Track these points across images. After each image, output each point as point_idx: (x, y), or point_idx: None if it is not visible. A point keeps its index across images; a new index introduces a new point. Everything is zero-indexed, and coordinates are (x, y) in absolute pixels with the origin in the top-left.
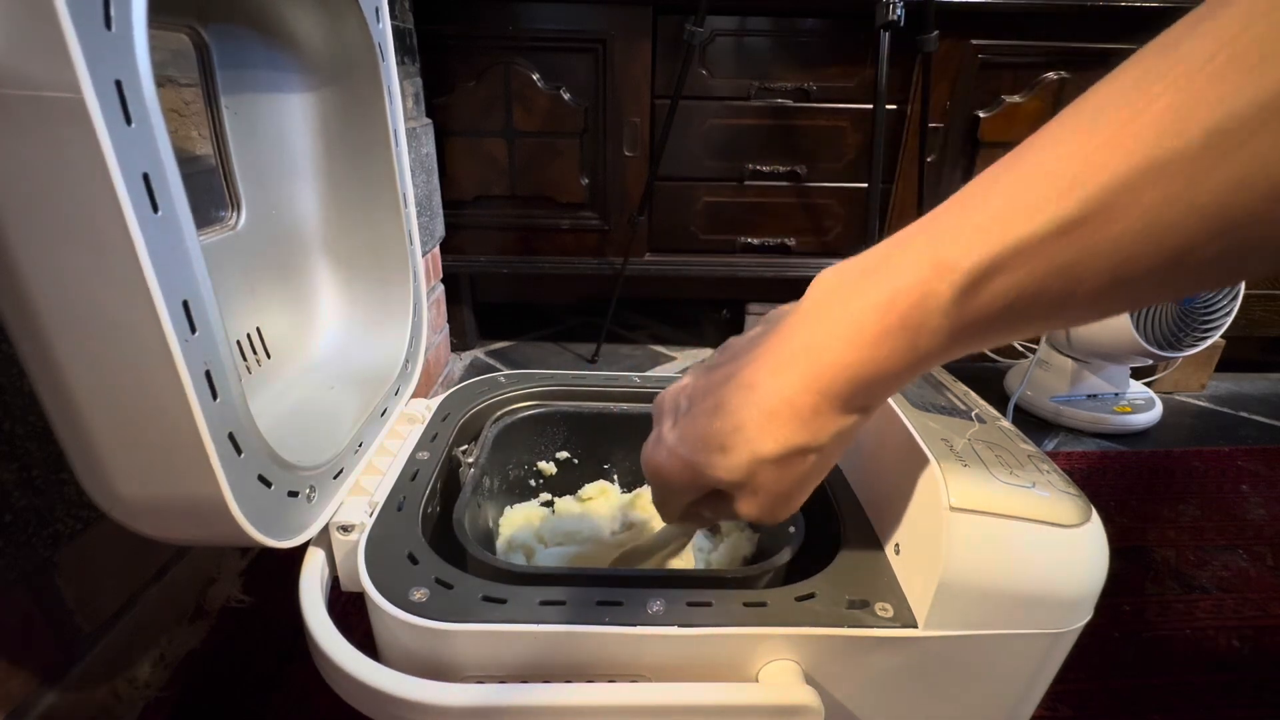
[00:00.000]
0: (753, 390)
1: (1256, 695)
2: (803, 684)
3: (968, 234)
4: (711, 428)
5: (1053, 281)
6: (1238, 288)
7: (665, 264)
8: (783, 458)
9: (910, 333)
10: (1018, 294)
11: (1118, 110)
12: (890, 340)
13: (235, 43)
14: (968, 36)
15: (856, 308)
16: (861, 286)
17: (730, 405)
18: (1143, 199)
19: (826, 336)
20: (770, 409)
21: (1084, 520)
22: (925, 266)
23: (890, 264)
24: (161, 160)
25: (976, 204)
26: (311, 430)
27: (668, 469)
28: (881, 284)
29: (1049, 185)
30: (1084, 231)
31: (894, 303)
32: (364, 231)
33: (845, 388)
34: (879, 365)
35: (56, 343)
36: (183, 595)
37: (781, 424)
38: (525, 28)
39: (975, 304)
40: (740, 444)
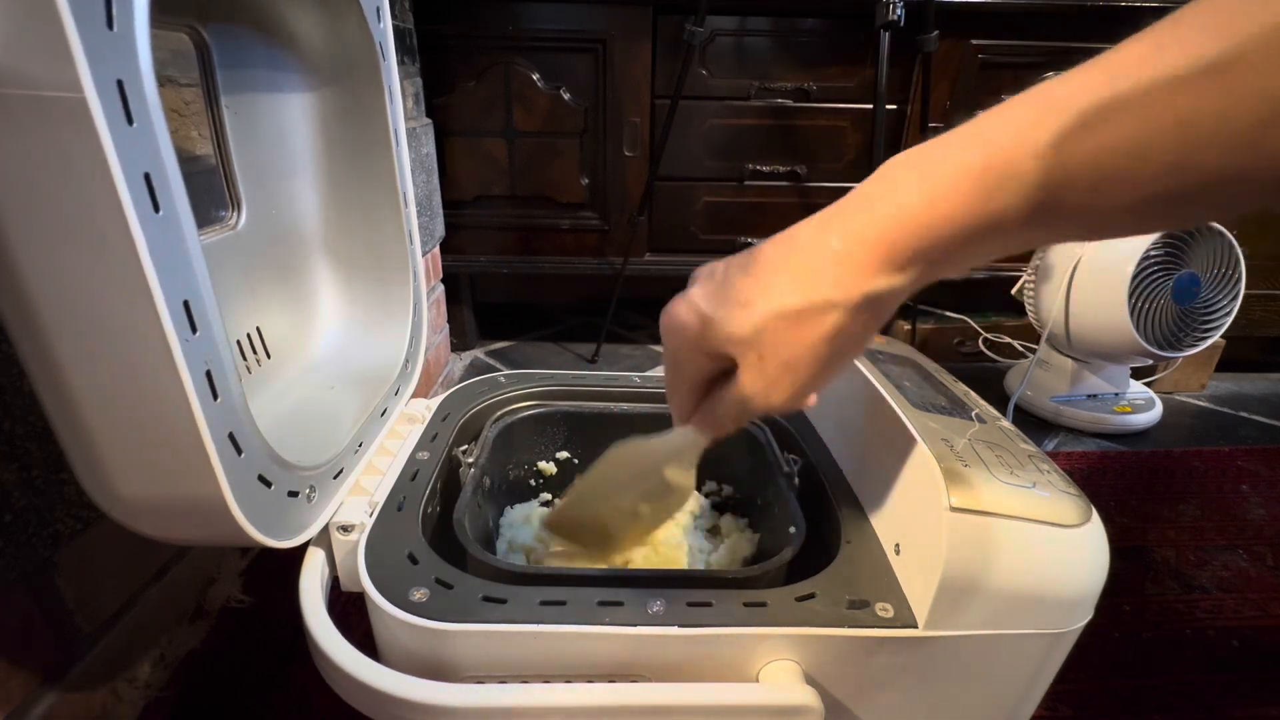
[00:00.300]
0: (791, 243)
1: (1256, 695)
2: (803, 684)
3: (1094, 74)
4: (740, 283)
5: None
6: (1238, 287)
7: (665, 264)
8: (800, 312)
9: (990, 180)
10: (1132, 148)
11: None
12: (964, 187)
13: (235, 43)
14: (968, 36)
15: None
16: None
17: (764, 259)
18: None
19: (888, 187)
20: (803, 258)
21: (1084, 520)
22: (1032, 108)
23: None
24: (162, 160)
25: (1111, 53)
26: (311, 430)
27: (681, 319)
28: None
29: (1198, 29)
30: (1232, 77)
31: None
32: (364, 231)
33: (893, 235)
34: (940, 214)
35: (57, 343)
36: (183, 595)
37: (811, 273)
38: (525, 28)
39: (1078, 153)
40: (759, 295)
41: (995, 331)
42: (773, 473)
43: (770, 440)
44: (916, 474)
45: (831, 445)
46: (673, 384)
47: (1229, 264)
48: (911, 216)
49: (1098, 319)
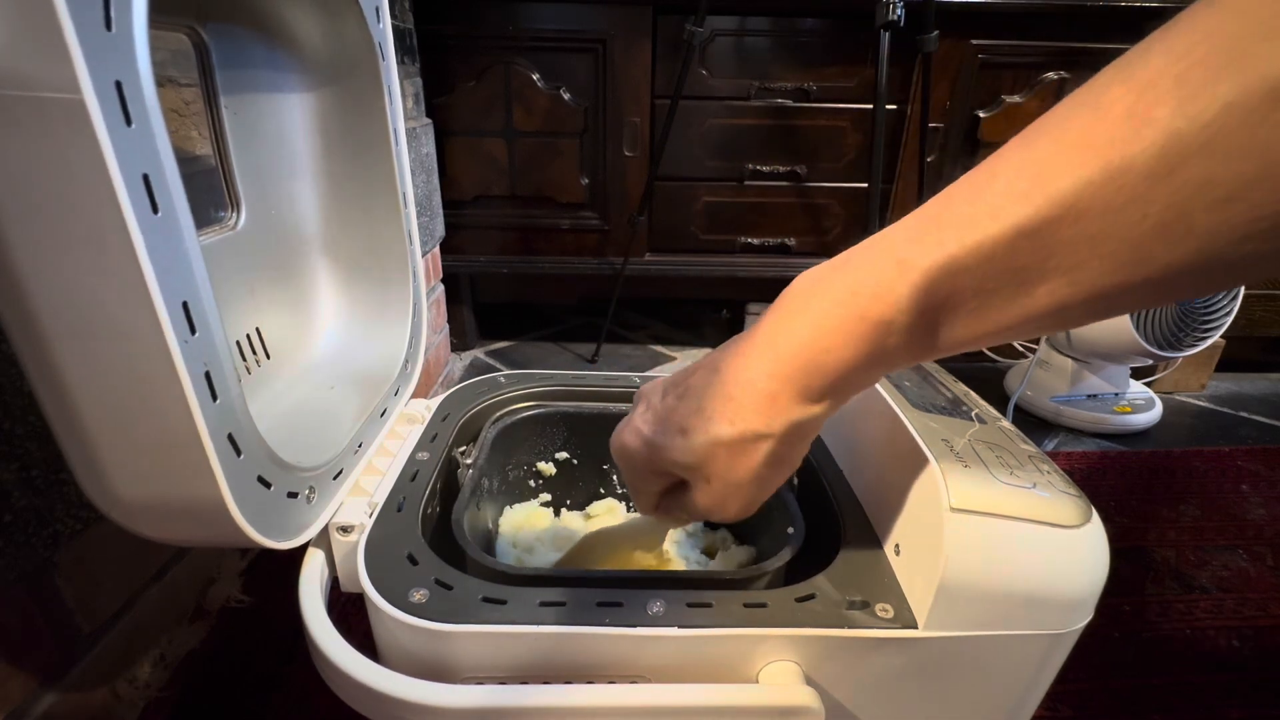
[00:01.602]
0: (717, 375)
1: (1256, 695)
2: (803, 684)
3: (932, 235)
4: (676, 410)
5: (1011, 285)
6: (1237, 288)
7: (665, 264)
8: (736, 442)
9: (869, 327)
10: (975, 296)
11: (1081, 116)
12: (851, 333)
13: (235, 43)
14: (968, 36)
15: (822, 302)
16: (830, 283)
17: (696, 390)
18: (1099, 203)
19: (792, 327)
20: (730, 393)
21: (1084, 521)
22: (889, 265)
23: (857, 263)
24: (161, 161)
25: (944, 206)
26: (311, 431)
27: (630, 448)
28: (847, 280)
29: (1011, 189)
30: (1044, 235)
31: (855, 297)
32: (364, 231)
33: (804, 376)
34: (838, 356)
35: (55, 343)
36: (183, 595)
37: (739, 408)
38: (525, 28)
39: (932, 302)
40: (698, 426)
41: None
42: None
43: None
44: (916, 474)
45: (831, 445)
46: (633, 492)
47: None
48: (812, 358)
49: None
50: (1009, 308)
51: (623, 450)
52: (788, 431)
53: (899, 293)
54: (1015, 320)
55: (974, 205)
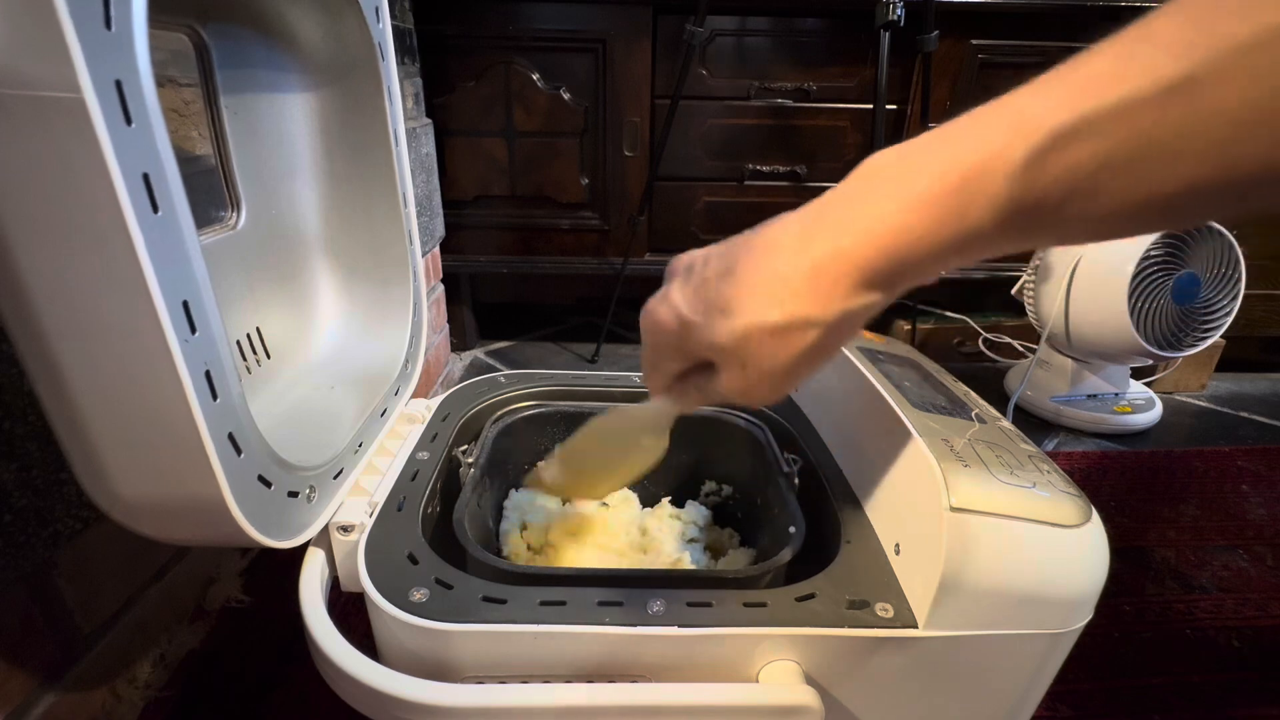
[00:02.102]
0: (772, 253)
1: (1256, 695)
2: (803, 684)
3: (1062, 91)
4: (720, 289)
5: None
6: (1238, 288)
7: (665, 264)
8: (783, 328)
9: (964, 198)
10: (1101, 165)
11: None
12: (938, 206)
13: (235, 43)
14: (968, 36)
15: (909, 176)
16: (921, 155)
17: (745, 267)
18: (1261, 63)
19: (865, 204)
20: (784, 273)
21: (1084, 520)
22: (1003, 126)
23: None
24: (161, 160)
25: (1076, 66)
26: (311, 430)
27: (664, 324)
28: (945, 150)
29: (1162, 48)
30: (1195, 96)
31: (957, 164)
32: (364, 231)
33: (873, 259)
34: (915, 235)
35: (56, 343)
36: (183, 595)
37: (792, 290)
38: (525, 28)
39: (1049, 171)
40: (743, 307)
41: (995, 331)
42: (773, 473)
43: (770, 440)
44: (916, 474)
45: (831, 445)
46: (649, 371)
47: (1229, 264)
48: (887, 238)
49: (1098, 319)
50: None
51: (655, 325)
52: (839, 320)
53: (1013, 158)
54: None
55: (1120, 61)
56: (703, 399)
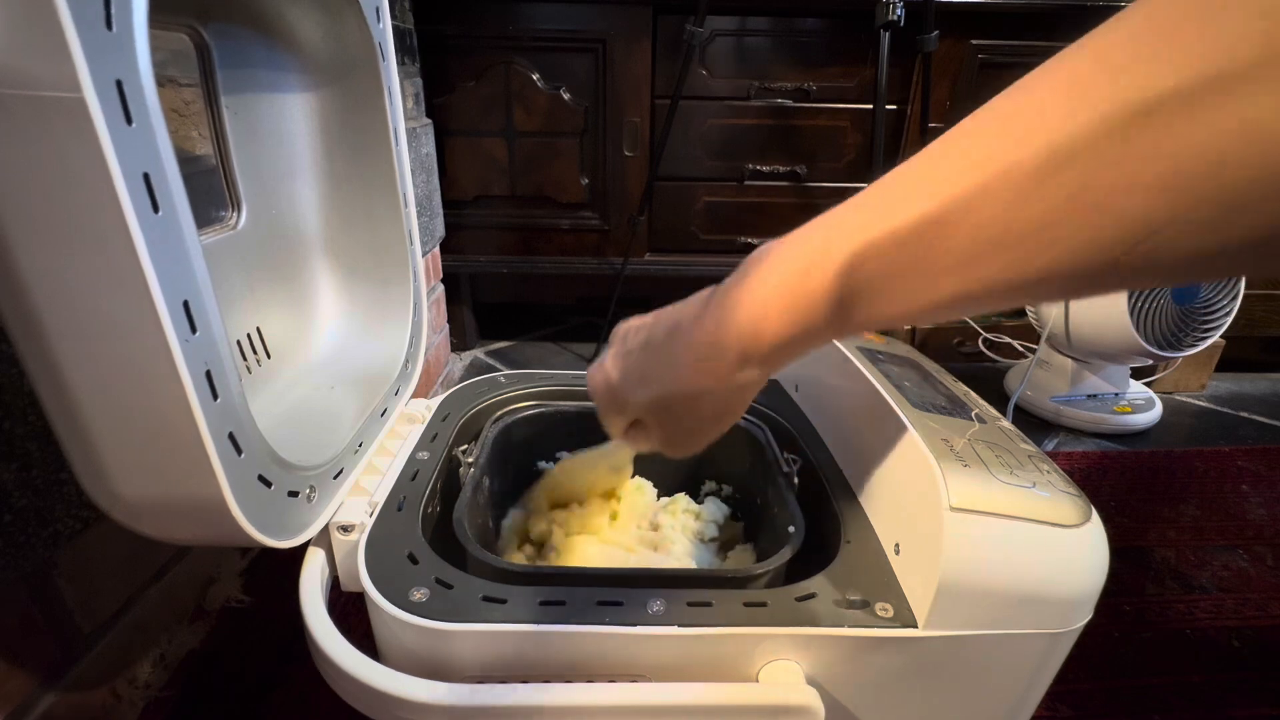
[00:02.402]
0: (678, 333)
1: (1256, 695)
2: (803, 684)
3: (852, 223)
4: (639, 361)
5: (918, 272)
6: (1238, 286)
7: (665, 264)
8: (685, 397)
9: (801, 302)
10: (887, 280)
11: (991, 120)
12: (786, 308)
13: (235, 43)
14: (968, 36)
15: (769, 274)
16: (772, 262)
17: (657, 344)
18: (989, 207)
19: (739, 301)
20: (683, 353)
21: (1084, 520)
22: (815, 251)
23: (794, 246)
24: (162, 160)
25: (870, 196)
26: (311, 430)
27: (599, 389)
28: (785, 263)
29: (923, 181)
30: (940, 230)
31: (787, 281)
32: (364, 231)
33: (744, 344)
34: (773, 330)
35: (57, 343)
36: (183, 595)
37: (689, 367)
38: (525, 28)
39: (853, 284)
40: (654, 379)
41: (995, 331)
42: (772, 472)
43: (770, 440)
44: (916, 474)
45: (831, 445)
46: (603, 420)
47: None
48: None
49: (1098, 319)
50: (919, 294)
51: (593, 387)
52: (730, 391)
53: (827, 271)
54: (924, 306)
55: (892, 193)
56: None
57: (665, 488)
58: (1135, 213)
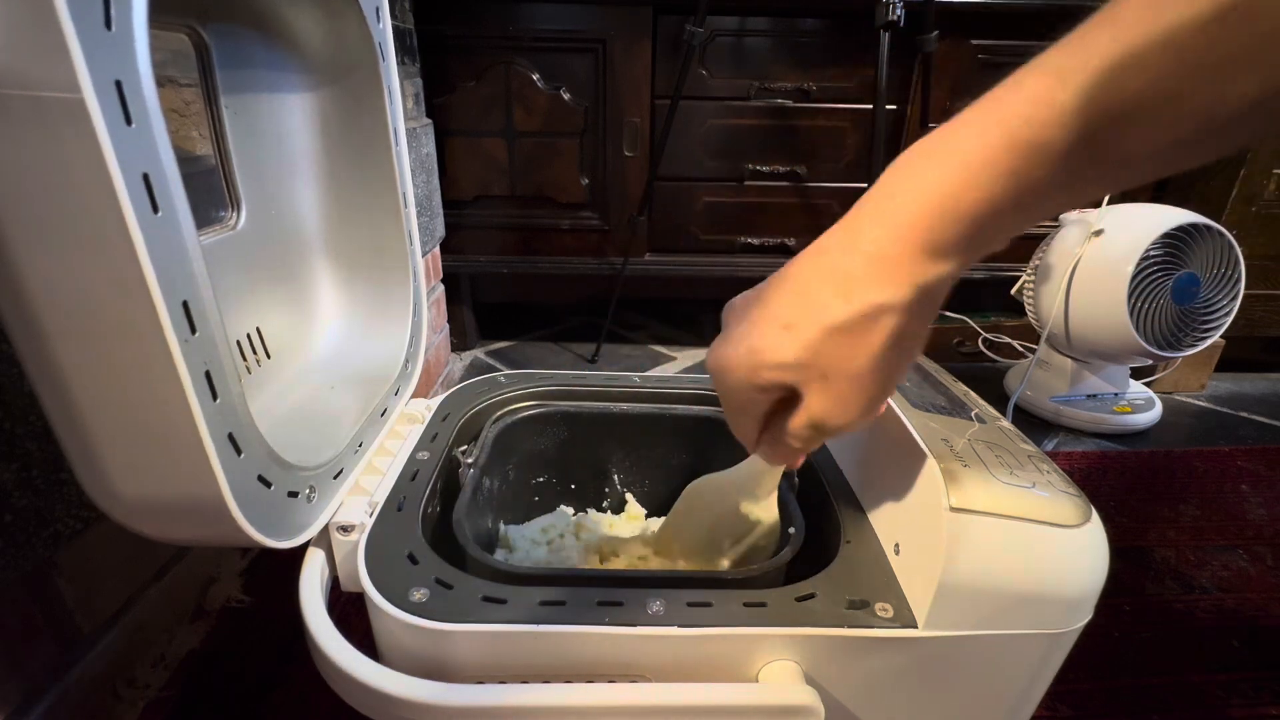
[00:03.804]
0: (819, 253)
1: (1256, 695)
2: (803, 684)
3: (1103, 32)
4: (777, 308)
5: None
6: (1237, 288)
7: (665, 264)
8: (854, 322)
9: (1020, 155)
10: (1155, 99)
11: None
12: (996, 165)
13: (235, 43)
14: (968, 36)
15: (953, 145)
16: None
17: (796, 276)
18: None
19: (911, 179)
20: (839, 266)
21: (1084, 520)
22: (1043, 78)
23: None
24: (161, 160)
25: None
26: (311, 430)
27: (731, 360)
28: (986, 113)
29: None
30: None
31: (1001, 123)
32: (364, 231)
33: (933, 227)
34: (978, 196)
35: (56, 343)
36: (183, 595)
37: (852, 280)
38: (525, 28)
39: (1103, 112)
40: (804, 314)
41: (995, 331)
42: None
43: None
44: (916, 474)
45: (831, 445)
46: (734, 422)
47: (1229, 264)
48: (945, 204)
49: (1097, 319)
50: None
51: (720, 364)
52: (914, 298)
53: (1060, 103)
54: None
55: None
56: (799, 444)
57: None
58: None
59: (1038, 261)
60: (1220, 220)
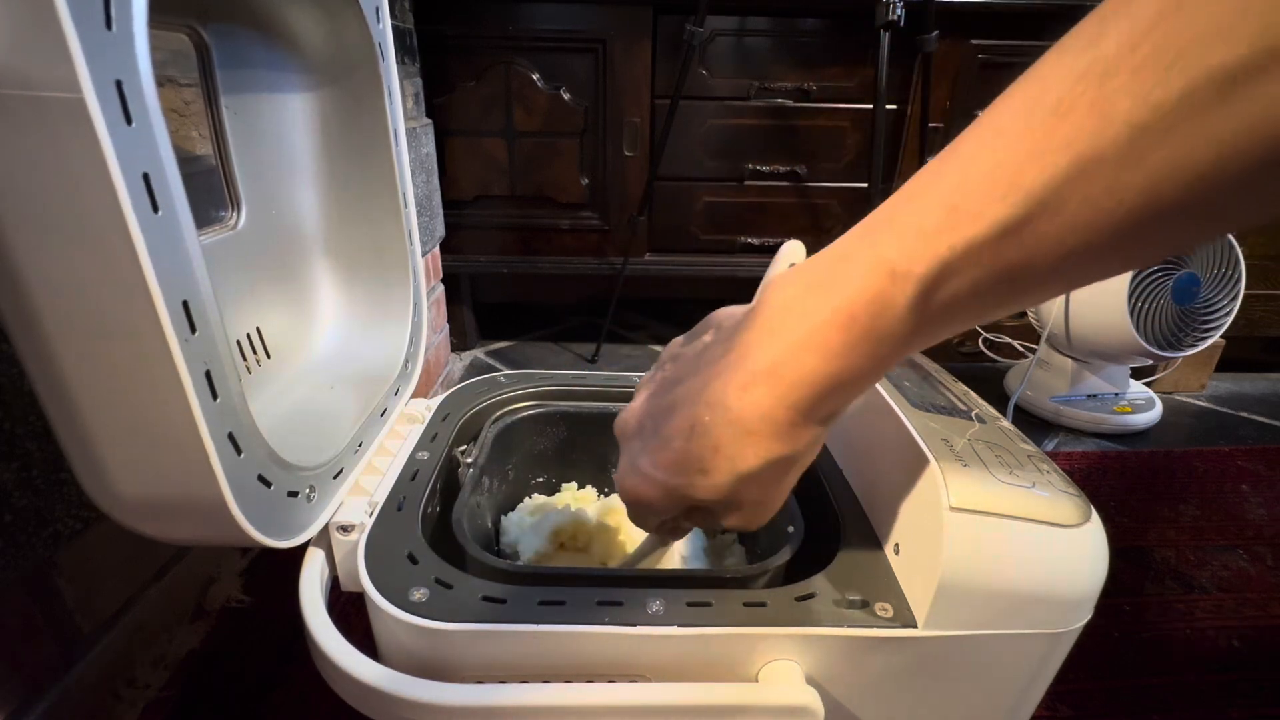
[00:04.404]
0: (725, 410)
1: (1256, 695)
2: (803, 684)
3: (916, 241)
4: (688, 450)
5: (1003, 278)
6: (1238, 288)
7: (665, 264)
8: (764, 470)
9: (873, 341)
10: (970, 293)
11: (1046, 108)
12: (855, 350)
13: (235, 43)
14: (968, 36)
15: (817, 320)
16: (820, 298)
17: (703, 426)
18: (1076, 195)
19: (792, 352)
20: (747, 428)
21: (1084, 520)
22: (881, 276)
23: (845, 273)
24: (161, 160)
25: (920, 206)
26: (311, 430)
27: (646, 494)
28: (840, 294)
29: (990, 188)
30: (1027, 231)
31: (854, 315)
32: (364, 231)
33: (817, 400)
34: (847, 374)
35: (56, 343)
36: (183, 595)
37: (760, 440)
38: (525, 28)
39: (931, 307)
40: (721, 463)
41: (995, 331)
42: None
43: None
44: (916, 474)
45: (831, 445)
46: (637, 523)
47: (1229, 264)
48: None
49: (1098, 319)
50: (1003, 296)
51: (638, 498)
52: (808, 448)
53: (899, 305)
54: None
55: (954, 206)
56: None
57: None
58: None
59: None
60: None
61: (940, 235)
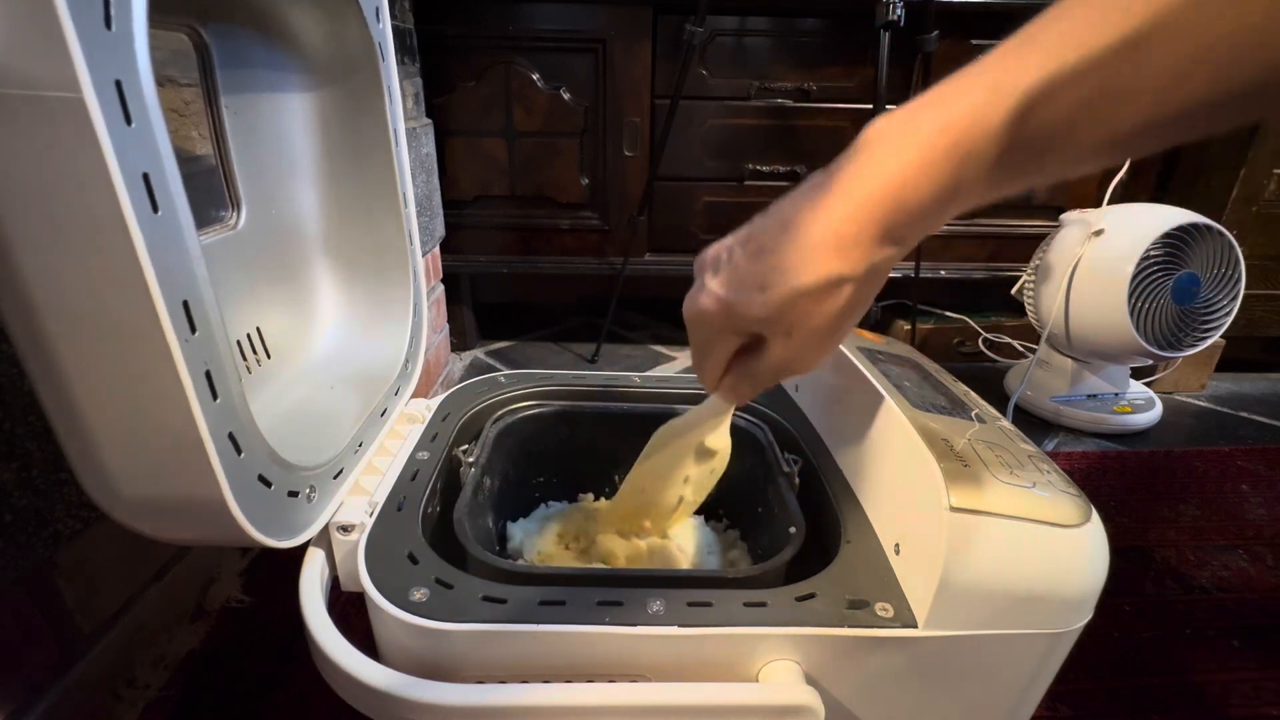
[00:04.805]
0: (793, 228)
1: (1256, 696)
2: (803, 684)
3: (1030, 56)
4: (752, 268)
5: (1109, 102)
6: (1237, 288)
7: (665, 264)
8: (820, 289)
9: (956, 159)
10: (1065, 122)
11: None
12: (935, 165)
13: (235, 43)
14: (968, 36)
15: (906, 140)
16: (914, 121)
17: (771, 245)
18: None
19: (870, 168)
20: (809, 242)
21: (1084, 520)
22: (982, 91)
23: (945, 96)
24: (161, 160)
25: (1037, 31)
26: (311, 430)
27: (708, 311)
28: (935, 115)
29: (1114, 5)
30: (1146, 49)
31: (946, 129)
32: (364, 231)
33: (886, 217)
34: (923, 194)
35: (57, 343)
36: (183, 595)
37: (820, 255)
38: (525, 28)
39: (1028, 128)
40: (779, 279)
41: (995, 331)
42: (773, 473)
43: (770, 440)
44: (916, 474)
45: (831, 445)
46: (700, 363)
47: (1229, 264)
48: (896, 197)
49: (1098, 319)
50: (1099, 128)
51: (699, 313)
52: (867, 273)
53: (993, 120)
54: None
55: (1072, 22)
56: (754, 384)
57: None
58: None
59: (1038, 261)
60: (1220, 220)
61: (1056, 50)
